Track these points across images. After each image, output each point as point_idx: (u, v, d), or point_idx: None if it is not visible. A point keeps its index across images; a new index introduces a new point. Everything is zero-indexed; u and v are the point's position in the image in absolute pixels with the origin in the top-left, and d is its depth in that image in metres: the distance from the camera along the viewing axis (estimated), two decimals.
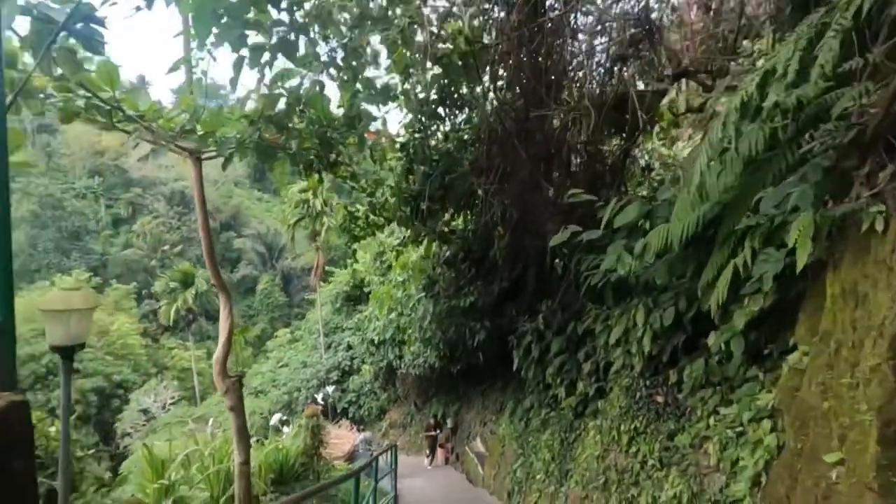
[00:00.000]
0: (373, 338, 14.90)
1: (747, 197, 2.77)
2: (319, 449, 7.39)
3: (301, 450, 7.29)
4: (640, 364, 4.80)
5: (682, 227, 3.05)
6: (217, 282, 5.70)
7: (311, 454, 7.28)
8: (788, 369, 2.71)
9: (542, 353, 6.82)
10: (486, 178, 5.93)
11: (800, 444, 2.46)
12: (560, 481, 6.45)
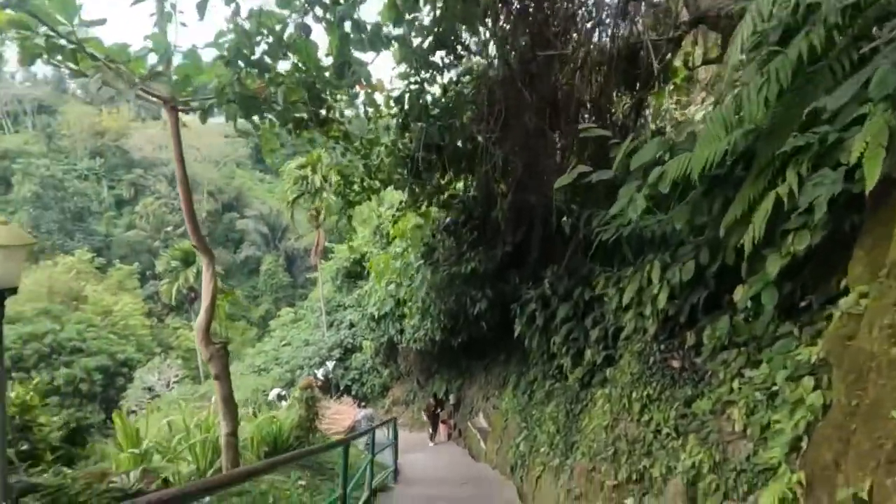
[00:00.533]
0: (373, 313, 14.59)
1: (793, 115, 2.33)
2: (314, 422, 7.11)
3: (295, 422, 7.02)
4: (653, 327, 4.41)
5: (708, 155, 2.61)
6: (198, 242, 5.32)
7: (305, 427, 7.00)
8: (840, 315, 2.31)
9: (547, 321, 6.45)
10: (488, 125, 5.47)
11: (854, 400, 2.07)
12: (565, 454, 6.14)
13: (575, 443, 6.04)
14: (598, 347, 5.65)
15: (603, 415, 5.06)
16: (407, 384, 20.56)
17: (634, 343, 4.79)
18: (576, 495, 5.16)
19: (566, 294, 6.19)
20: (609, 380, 5.28)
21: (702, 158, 2.61)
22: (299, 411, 7.00)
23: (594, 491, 4.92)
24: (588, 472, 5.05)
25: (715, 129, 2.50)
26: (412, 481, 9.03)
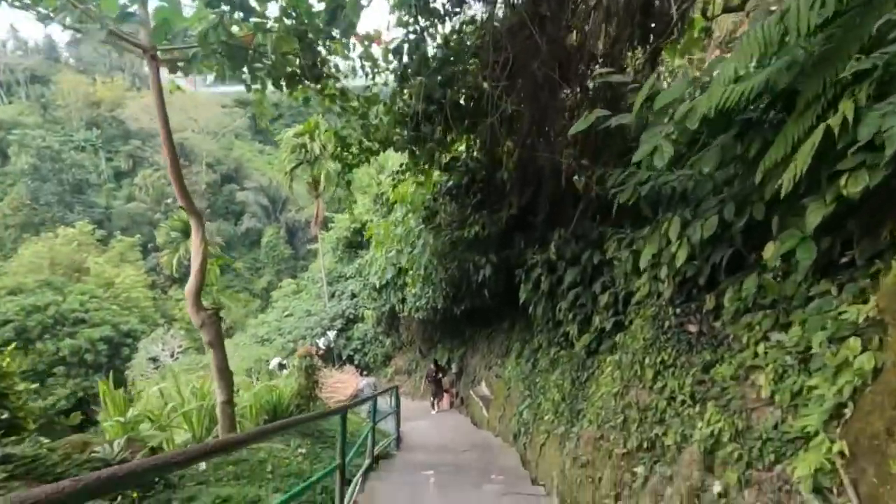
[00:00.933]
0: (374, 282, 14.39)
1: (854, 36, 1.99)
2: (314, 390, 6.98)
3: (295, 391, 6.89)
4: (669, 290, 4.15)
5: (746, 88, 2.28)
6: (186, 204, 5.03)
7: (305, 395, 6.87)
8: None
9: (554, 287, 6.20)
10: (493, 72, 5.07)
11: None
12: (571, 421, 5.99)
13: (581, 411, 5.88)
14: (607, 313, 5.41)
15: (612, 382, 4.85)
16: (409, 354, 20.61)
17: (647, 307, 4.54)
18: (582, 463, 5.01)
19: (574, 258, 5.91)
20: (619, 346, 5.06)
21: (739, 90, 2.27)
22: (299, 380, 6.85)
23: (602, 459, 4.77)
24: (595, 440, 4.89)
25: (751, 46, 2.15)
26: (414, 448, 9.00)
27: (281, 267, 65.15)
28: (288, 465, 5.07)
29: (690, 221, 3.62)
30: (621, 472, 4.44)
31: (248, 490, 3.68)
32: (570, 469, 5.27)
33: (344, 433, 3.61)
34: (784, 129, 2.35)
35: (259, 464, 4.79)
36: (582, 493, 4.97)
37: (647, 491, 4.04)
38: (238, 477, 4.26)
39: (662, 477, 3.89)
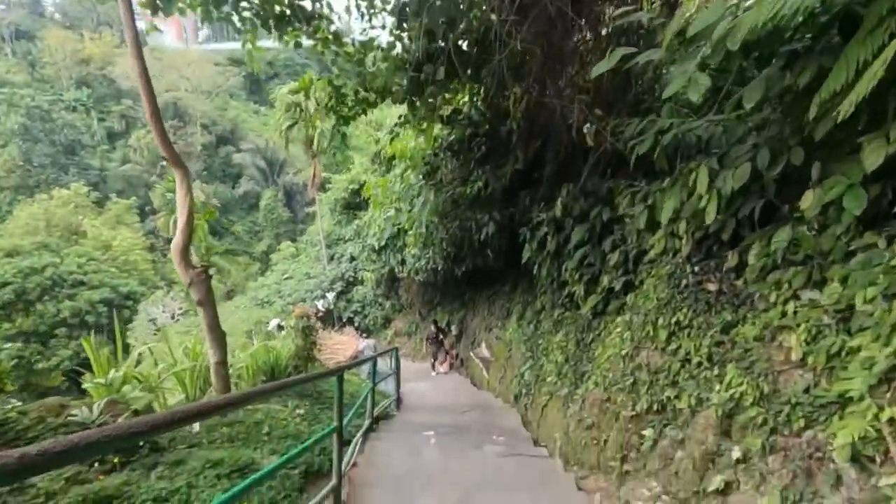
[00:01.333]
0: (373, 244, 14.11)
1: None
2: (312, 351, 6.82)
3: (293, 352, 6.73)
4: (688, 246, 3.87)
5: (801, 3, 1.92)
6: (168, 153, 4.67)
7: (303, 356, 6.72)
8: None
9: (560, 246, 5.93)
10: (502, 2, 4.60)
11: None
12: (575, 383, 5.86)
13: (586, 373, 5.73)
14: (617, 273, 5.16)
15: (620, 343, 4.66)
16: (409, 316, 20.59)
17: (662, 266, 4.28)
18: (587, 425, 4.89)
19: (582, 216, 5.61)
20: (628, 307, 4.84)
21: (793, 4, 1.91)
22: (296, 340, 6.69)
23: (608, 421, 4.63)
24: (602, 403, 4.74)
25: None
26: (414, 409, 8.97)
27: (280, 230, 64.84)
28: (285, 427, 4.94)
29: (718, 172, 3.30)
30: (628, 435, 4.30)
31: (242, 453, 3.52)
32: (574, 431, 5.16)
33: (341, 395, 3.42)
34: (846, 50, 2.01)
35: (255, 426, 4.65)
36: (586, 454, 4.87)
37: (656, 454, 3.90)
38: (233, 439, 4.12)
39: (673, 440, 3.74)
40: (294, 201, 68.21)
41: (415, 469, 4.60)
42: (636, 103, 5.30)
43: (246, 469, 3.26)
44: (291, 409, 5.77)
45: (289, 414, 5.47)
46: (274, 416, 5.27)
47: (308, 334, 6.71)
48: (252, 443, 4.20)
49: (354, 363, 4.75)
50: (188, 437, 3.99)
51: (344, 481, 4.16)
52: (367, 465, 4.75)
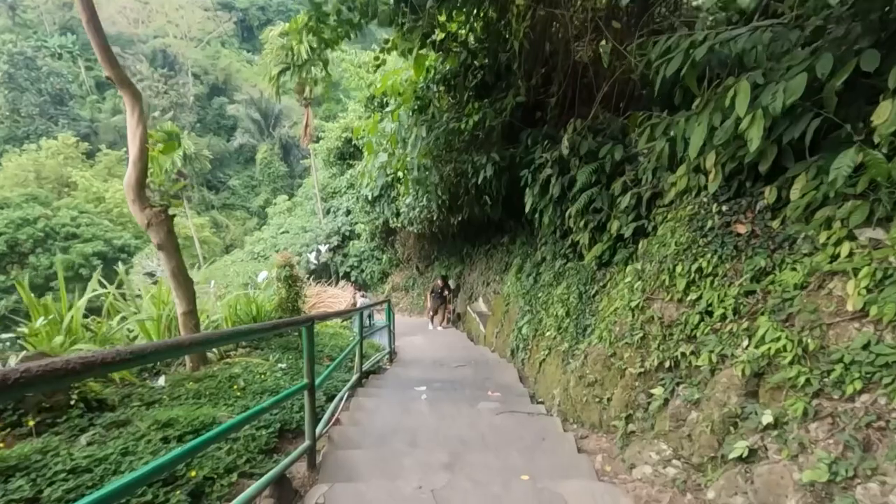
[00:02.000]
0: (366, 195, 13.49)
1: None
2: (297, 302, 6.41)
3: (276, 303, 6.32)
4: (716, 182, 3.32)
5: None
6: (112, 73, 4.03)
7: (287, 308, 6.30)
8: None
9: (565, 190, 5.37)
10: None
11: None
12: (576, 338, 5.47)
13: (588, 326, 5.33)
14: (627, 218, 4.64)
15: (630, 294, 4.20)
16: (406, 271, 20.27)
17: (683, 207, 3.76)
18: (589, 382, 4.51)
19: (590, 155, 5.02)
20: (640, 255, 4.35)
21: None
22: (279, 291, 6.26)
23: (612, 378, 4.24)
24: (606, 358, 4.34)
25: None
26: (408, 363, 8.70)
27: (277, 184, 63.95)
28: (263, 382, 4.57)
29: (763, 87, 2.71)
30: (635, 393, 3.92)
31: (202, 411, 3.13)
32: (574, 388, 4.79)
33: (311, 347, 2.98)
34: None
35: (228, 381, 4.27)
36: (587, 412, 4.53)
37: (667, 414, 3.52)
38: (200, 396, 3.74)
39: (687, 401, 3.35)
40: (291, 155, 66.83)
41: (402, 427, 4.26)
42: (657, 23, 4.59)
43: (203, 430, 2.87)
44: (273, 363, 5.40)
45: (269, 368, 5.10)
46: (252, 371, 4.90)
47: (292, 284, 6.27)
48: (222, 400, 3.82)
49: (330, 314, 4.31)
50: (146, 393, 3.60)
51: (323, 441, 3.82)
52: (351, 422, 4.41)
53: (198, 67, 72.00)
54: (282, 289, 6.26)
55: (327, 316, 4.12)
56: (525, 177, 5.73)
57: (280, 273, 6.19)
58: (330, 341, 7.72)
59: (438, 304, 13.35)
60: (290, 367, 5.51)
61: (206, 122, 70.92)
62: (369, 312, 12.95)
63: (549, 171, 5.31)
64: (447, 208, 8.67)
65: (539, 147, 5.53)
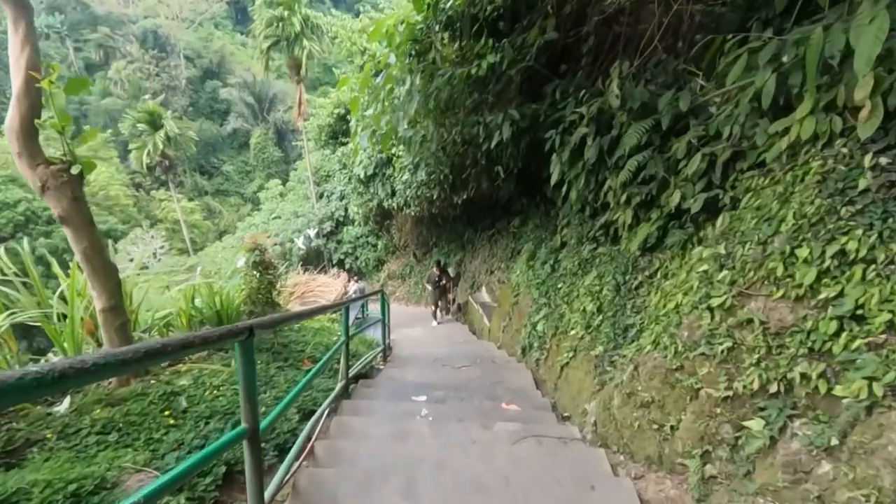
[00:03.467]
0: (359, 174, 12.27)
1: None
2: (271, 294, 5.30)
3: (245, 294, 5.21)
4: (873, 121, 2.20)
5: None
6: None
7: (260, 300, 5.19)
8: None
9: (603, 154, 4.24)
10: None
11: None
12: (615, 341, 4.38)
13: (631, 327, 4.24)
14: (694, 187, 3.52)
15: (706, 288, 3.10)
16: (403, 258, 19.15)
17: (803, 164, 2.63)
18: (642, 401, 3.44)
19: (642, 109, 3.88)
20: (720, 234, 3.24)
21: None
22: (250, 280, 5.14)
23: (677, 400, 3.17)
24: (668, 373, 3.26)
25: None
26: (404, 361, 7.62)
27: (271, 170, 62.70)
28: (215, 401, 3.47)
29: None
30: (715, 424, 2.85)
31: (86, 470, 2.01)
32: (619, 407, 3.71)
33: (251, 376, 1.88)
34: None
35: (164, 400, 3.19)
36: (640, 441, 3.45)
37: (776, 461, 2.46)
38: (110, 429, 2.64)
39: (812, 446, 2.27)
40: (285, 140, 65.40)
41: (396, 463, 3.18)
42: None
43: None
44: (235, 370, 4.29)
45: (227, 377, 4.00)
46: (204, 383, 3.80)
47: (263, 272, 5.14)
48: (144, 434, 2.71)
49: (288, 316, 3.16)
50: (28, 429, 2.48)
51: (282, 493, 2.73)
52: (329, 455, 3.33)
53: (190, 50, 70.41)
54: (251, 277, 5.14)
55: (284, 320, 2.98)
56: (551, 139, 4.57)
57: (249, 258, 5.07)
58: (314, 338, 6.62)
59: (438, 294, 12.09)
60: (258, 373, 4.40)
61: (199, 106, 69.66)
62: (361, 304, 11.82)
63: (583, 131, 4.17)
64: (450, 184, 7.47)
65: (571, 101, 4.37)
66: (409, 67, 4.74)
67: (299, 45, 20.04)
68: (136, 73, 63.44)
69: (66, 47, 66.32)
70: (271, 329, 2.03)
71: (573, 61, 4.82)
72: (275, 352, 5.27)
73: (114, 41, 65.51)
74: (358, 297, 7.16)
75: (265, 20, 20.67)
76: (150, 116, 25.64)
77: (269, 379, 4.43)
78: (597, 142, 4.15)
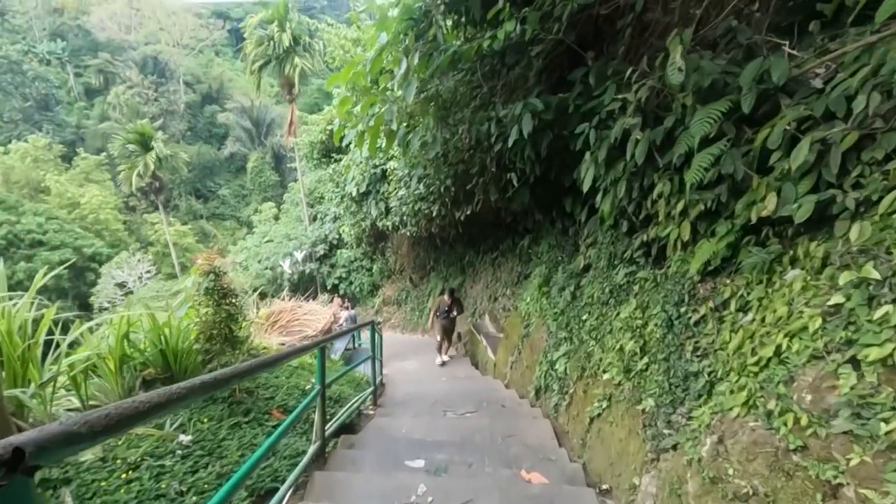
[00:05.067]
0: (351, 191, 11.30)
1: None
2: (232, 327, 4.24)
3: (199, 328, 4.15)
4: None
5: None
6: None
7: (213, 336, 4.13)
8: None
9: (653, 153, 3.29)
10: None
11: None
12: (671, 393, 3.35)
13: (697, 376, 3.21)
14: (797, 188, 2.55)
15: (835, 330, 2.10)
16: (399, 283, 18.10)
17: None
18: (738, 493, 2.38)
19: (712, 89, 2.95)
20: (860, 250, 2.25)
21: None
22: (201, 312, 4.09)
23: (796, 494, 2.12)
24: (779, 454, 2.23)
25: None
26: (398, 406, 6.52)
27: (268, 193, 62.38)
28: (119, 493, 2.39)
29: None
30: None
31: None
32: (698, 496, 2.65)
33: None
34: None
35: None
36: None
37: None
38: None
39: None
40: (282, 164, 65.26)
41: None
42: None
43: None
44: (170, 435, 3.23)
45: (153, 446, 2.92)
46: (114, 459, 2.72)
47: (221, 300, 4.10)
48: None
49: (168, 397, 2.12)
50: None
51: None
52: None
53: (190, 76, 71.15)
54: (206, 307, 4.09)
55: (152, 412, 1.84)
56: (583, 135, 3.62)
57: (201, 283, 4.03)
58: (289, 380, 5.55)
59: (448, 325, 10.11)
60: (201, 439, 3.34)
61: (197, 130, 70.02)
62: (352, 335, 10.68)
63: (629, 122, 3.22)
64: (451, 197, 6.44)
65: (611, 86, 3.43)
66: (405, 50, 3.83)
67: (290, 63, 19.42)
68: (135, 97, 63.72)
69: (67, 73, 66.95)
70: (90, 445, 0.99)
71: (606, 41, 3.93)
72: (234, 402, 4.19)
73: (114, 66, 66.07)
74: (340, 333, 6.09)
75: (255, 39, 20.12)
76: (140, 137, 24.86)
77: (216, 444, 3.34)
78: (646, 135, 3.20)
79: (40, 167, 38.20)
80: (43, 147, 40.21)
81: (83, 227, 34.16)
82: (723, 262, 3.32)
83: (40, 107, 59.66)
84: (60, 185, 36.53)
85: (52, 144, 43.47)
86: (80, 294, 29.97)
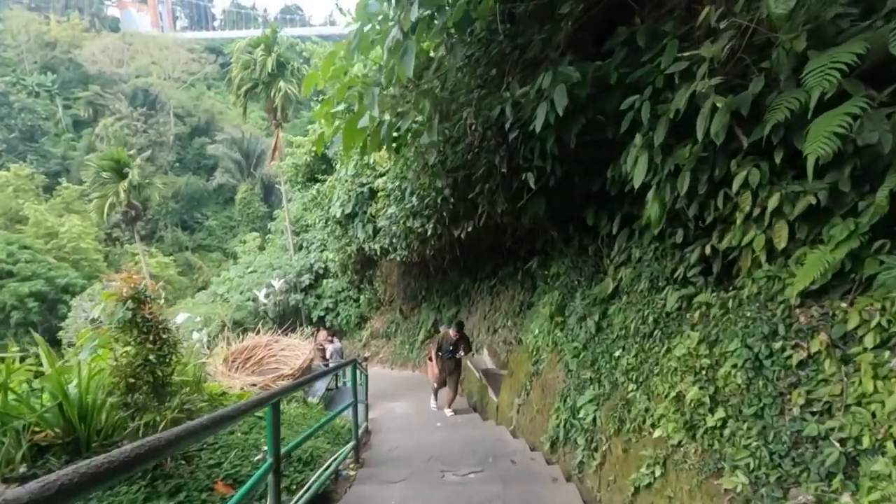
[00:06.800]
0: (336, 213, 10.33)
1: None
2: (166, 371, 3.16)
3: (118, 373, 3.08)
4: None
5: None
6: None
7: (138, 387, 3.06)
8: None
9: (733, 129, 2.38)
10: None
11: None
12: (776, 466, 2.33)
13: (816, 442, 2.20)
14: None
15: None
16: (388, 315, 16.97)
17: None
18: None
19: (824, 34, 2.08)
20: None
21: None
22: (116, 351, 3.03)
23: None
24: None
25: None
26: (386, 464, 5.35)
27: (256, 225, 61.53)
28: None
29: None
30: None
31: None
32: None
33: None
34: None
35: None
36: None
37: None
38: None
39: None
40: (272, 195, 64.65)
41: None
42: None
43: None
44: None
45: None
46: None
47: (146, 334, 3.03)
48: None
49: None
50: None
51: None
52: None
53: (180, 108, 71.40)
54: (125, 343, 3.03)
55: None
56: (632, 111, 2.69)
57: (116, 312, 2.97)
58: (246, 438, 4.42)
59: (453, 369, 8.44)
60: None
61: (186, 162, 69.78)
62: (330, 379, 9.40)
63: (705, 84, 2.33)
64: (449, 211, 5.43)
65: (670, 45, 2.53)
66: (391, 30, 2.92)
67: (275, 87, 18.81)
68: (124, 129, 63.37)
69: (56, 104, 66.82)
70: None
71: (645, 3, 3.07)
72: (161, 476, 3.06)
73: (104, 98, 66.05)
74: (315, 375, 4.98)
75: (241, 63, 19.56)
76: (116, 164, 23.82)
77: None
78: (727, 103, 2.29)
79: (20, 196, 37.00)
80: (25, 176, 39.09)
81: (61, 258, 32.76)
82: (833, 279, 2.39)
83: (25, 137, 58.99)
84: (39, 215, 35.27)
85: (35, 174, 42.42)
86: (51, 328, 28.26)
